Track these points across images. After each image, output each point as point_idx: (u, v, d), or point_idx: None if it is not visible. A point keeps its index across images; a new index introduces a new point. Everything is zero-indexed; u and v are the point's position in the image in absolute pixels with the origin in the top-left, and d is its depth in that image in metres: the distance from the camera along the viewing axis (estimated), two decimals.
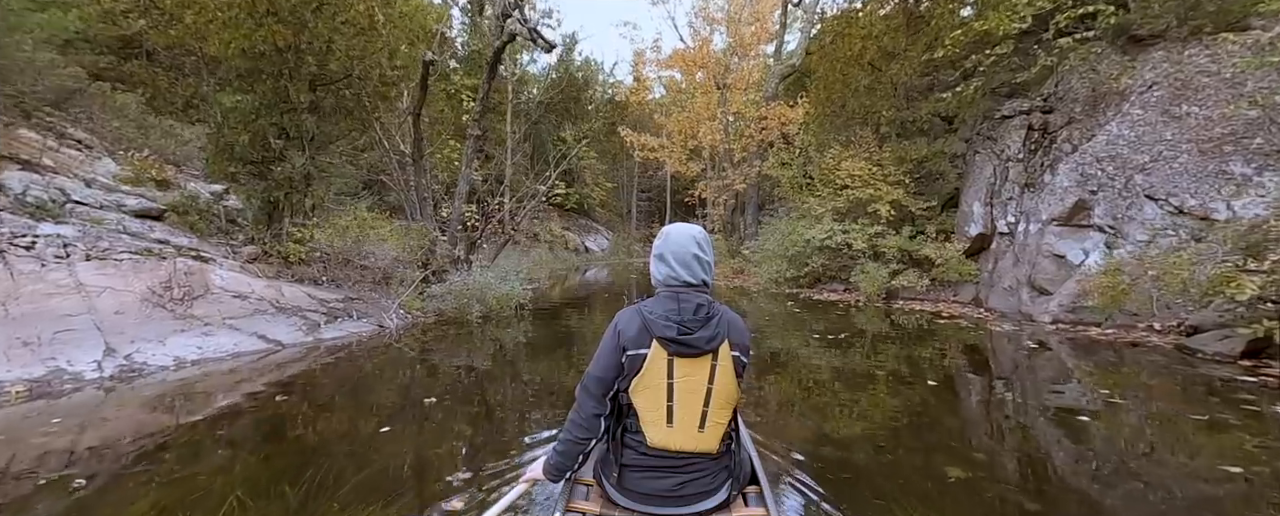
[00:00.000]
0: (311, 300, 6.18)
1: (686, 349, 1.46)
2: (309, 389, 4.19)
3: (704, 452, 1.52)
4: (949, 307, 8.53)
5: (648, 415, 1.51)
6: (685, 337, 1.45)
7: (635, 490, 1.55)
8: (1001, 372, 5.11)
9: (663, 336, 1.45)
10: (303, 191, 6.56)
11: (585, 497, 1.69)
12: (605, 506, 1.61)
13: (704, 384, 1.48)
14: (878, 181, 9.89)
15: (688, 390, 1.48)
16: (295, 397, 3.96)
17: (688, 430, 1.49)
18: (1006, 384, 4.65)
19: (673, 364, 1.47)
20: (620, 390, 1.55)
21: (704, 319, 1.48)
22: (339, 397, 4.00)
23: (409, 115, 7.56)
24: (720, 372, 1.48)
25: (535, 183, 9.11)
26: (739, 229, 17.46)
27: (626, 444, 1.56)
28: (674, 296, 1.52)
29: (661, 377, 1.47)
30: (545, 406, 3.89)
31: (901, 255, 9.75)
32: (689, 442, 1.50)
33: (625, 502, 1.57)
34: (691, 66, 16.77)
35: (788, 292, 11.12)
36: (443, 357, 5.32)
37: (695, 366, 1.47)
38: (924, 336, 6.64)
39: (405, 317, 6.89)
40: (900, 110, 9.67)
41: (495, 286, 7.62)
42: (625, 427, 1.57)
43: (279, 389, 4.13)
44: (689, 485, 1.52)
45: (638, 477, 1.54)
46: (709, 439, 1.51)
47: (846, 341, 6.34)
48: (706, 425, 1.50)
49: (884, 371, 5.02)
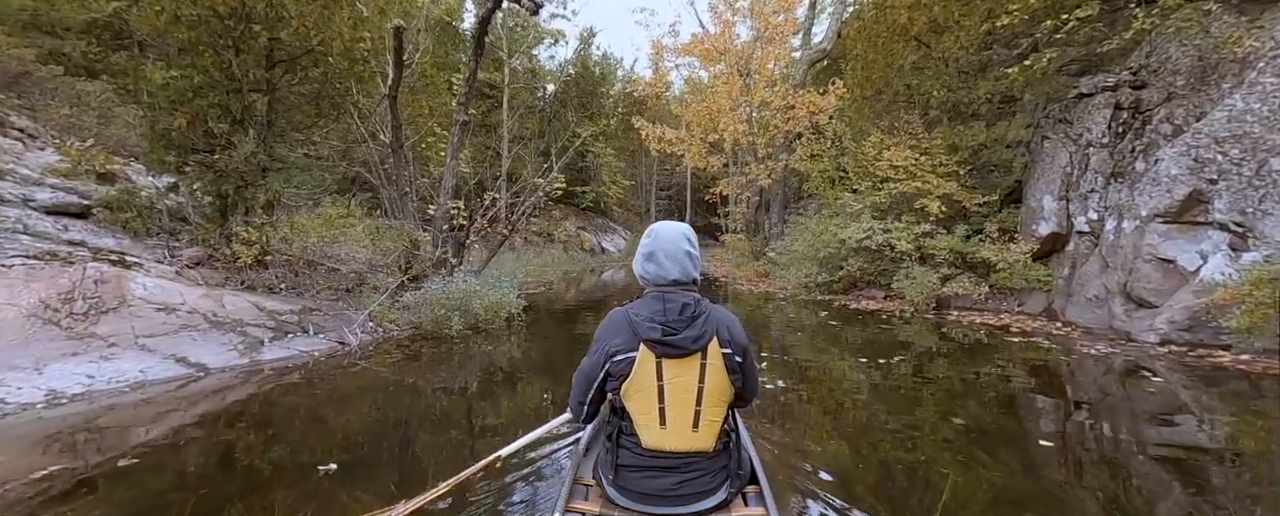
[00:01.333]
0: (259, 312, 5.24)
1: (673, 349, 1.46)
2: (191, 442, 3.18)
3: (700, 452, 1.52)
4: (1015, 320, 7.21)
5: (640, 418, 1.51)
6: (670, 338, 1.45)
7: (634, 490, 1.55)
8: (1098, 406, 3.96)
9: (648, 338, 1.46)
10: (256, 184, 5.63)
11: (585, 497, 1.68)
12: (605, 506, 1.60)
13: (694, 383, 1.47)
14: (926, 173, 8.59)
15: (679, 390, 1.48)
16: (166, 452, 2.96)
17: (682, 430, 1.50)
18: (1111, 423, 3.58)
19: (661, 365, 1.47)
20: (612, 392, 1.55)
21: (690, 318, 1.48)
22: (211, 462, 2.96)
23: (386, 98, 6.61)
24: (710, 371, 1.48)
25: (535, 177, 8.08)
26: (763, 229, 16.20)
27: (622, 445, 1.57)
28: (660, 297, 1.52)
29: (651, 380, 1.47)
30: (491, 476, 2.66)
31: (954, 258, 8.44)
32: (684, 442, 1.51)
33: (624, 502, 1.57)
34: (712, 54, 15.54)
35: (819, 300, 9.89)
36: (397, 387, 4.30)
37: (684, 366, 1.47)
38: (987, 355, 5.48)
39: (375, 332, 5.92)
40: (953, 90, 8.34)
41: (482, 294, 6.61)
42: (621, 429, 1.57)
43: (163, 436, 3.14)
44: (687, 485, 1.52)
45: (636, 478, 1.55)
46: (704, 438, 1.51)
47: (895, 361, 5.18)
48: (700, 424, 1.50)
49: (942, 400, 3.99)
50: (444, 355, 5.43)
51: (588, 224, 25.64)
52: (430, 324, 5.97)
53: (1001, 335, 6.42)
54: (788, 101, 14.12)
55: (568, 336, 6.65)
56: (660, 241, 1.54)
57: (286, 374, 4.55)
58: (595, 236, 24.86)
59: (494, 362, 5.20)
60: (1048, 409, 4.00)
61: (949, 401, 4.05)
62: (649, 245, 1.56)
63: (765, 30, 14.86)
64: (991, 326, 6.96)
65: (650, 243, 1.56)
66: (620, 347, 1.48)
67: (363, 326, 5.86)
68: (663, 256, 1.53)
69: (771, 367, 5.03)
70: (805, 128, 13.20)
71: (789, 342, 6.66)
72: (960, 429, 3.44)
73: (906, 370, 5.00)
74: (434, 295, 6.03)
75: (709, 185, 24.88)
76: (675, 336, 1.44)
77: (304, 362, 4.87)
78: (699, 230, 8.26)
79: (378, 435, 3.32)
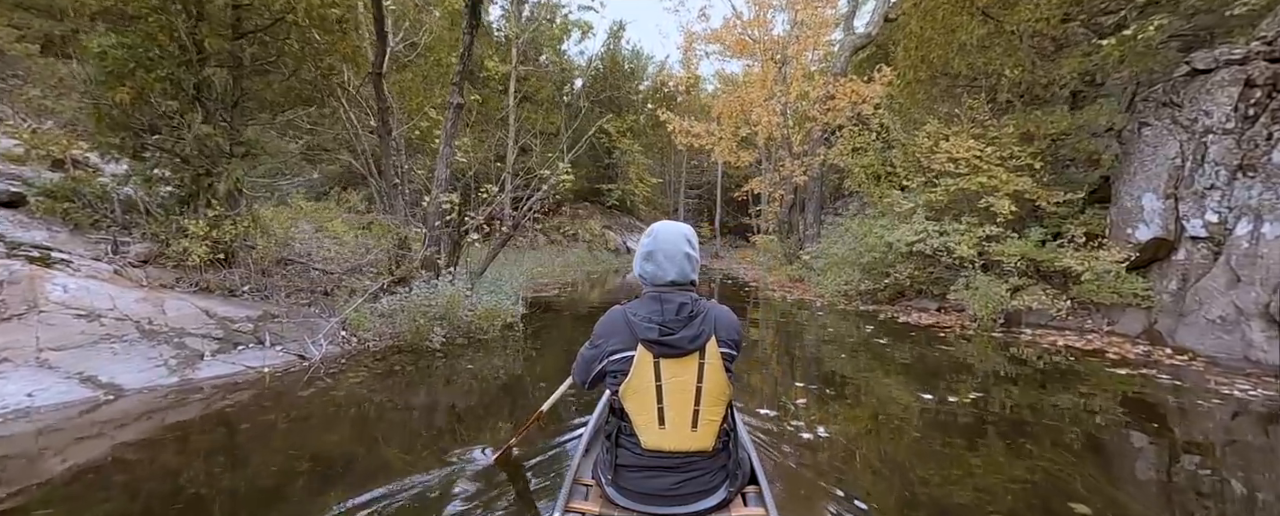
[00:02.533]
0: (206, 319, 4.52)
1: (670, 349, 1.46)
2: (46, 499, 2.38)
3: (699, 451, 1.52)
4: (1107, 342, 5.96)
5: (639, 418, 1.51)
6: (667, 338, 1.46)
7: (633, 490, 1.54)
8: (1235, 465, 2.84)
9: (645, 338, 1.46)
10: (213, 172, 4.92)
11: (584, 498, 1.68)
12: (604, 506, 1.60)
13: (693, 383, 1.47)
14: (992, 166, 7.36)
15: (677, 390, 1.48)
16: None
17: (681, 430, 1.49)
18: (1246, 484, 2.59)
19: (659, 365, 1.47)
20: (611, 392, 1.56)
21: (687, 318, 1.48)
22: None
23: (371, 76, 5.84)
24: (709, 370, 1.48)
25: (541, 169, 7.22)
26: (798, 230, 15.00)
27: (622, 445, 1.56)
28: (658, 297, 1.52)
29: (650, 380, 1.47)
30: None
31: (1027, 266, 7.19)
32: (683, 442, 1.50)
33: (624, 502, 1.56)
34: (744, 43, 14.39)
35: (861, 310, 8.75)
36: (346, 416, 3.47)
37: (682, 366, 1.47)
38: (1071, 384, 4.44)
39: (348, 343, 5.16)
40: (1030, 70, 7.07)
41: (474, 300, 5.79)
42: (620, 430, 1.57)
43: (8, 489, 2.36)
44: (686, 484, 1.51)
45: (635, 478, 1.54)
46: (703, 437, 1.51)
47: (955, 386, 4.14)
48: (699, 424, 1.49)
49: (1010, 437, 3.08)
50: (421, 372, 4.62)
51: (613, 223, 24.80)
52: (408, 335, 5.16)
53: (1092, 361, 5.24)
54: (827, 91, 12.92)
55: (571, 350, 5.76)
56: (660, 241, 1.55)
57: (224, 395, 3.79)
58: (621, 236, 23.99)
59: (474, 384, 4.33)
60: (1157, 461, 3.04)
61: (1017, 439, 3.27)
62: (649, 245, 1.57)
63: (804, 11, 13.65)
64: (1077, 349, 5.76)
65: (650, 242, 1.57)
66: (618, 347, 1.50)
67: (333, 336, 5.10)
68: (662, 257, 1.54)
69: (800, 388, 4.02)
70: (847, 118, 11.97)
71: (824, 357, 5.65)
72: (1032, 479, 2.68)
73: (967, 397, 4.06)
74: (414, 301, 5.21)
75: (740, 184, 23.74)
76: (672, 336, 1.45)
77: (251, 381, 4.11)
78: (729, 230, 6.96)
79: (302, 484, 2.47)
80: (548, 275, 13.27)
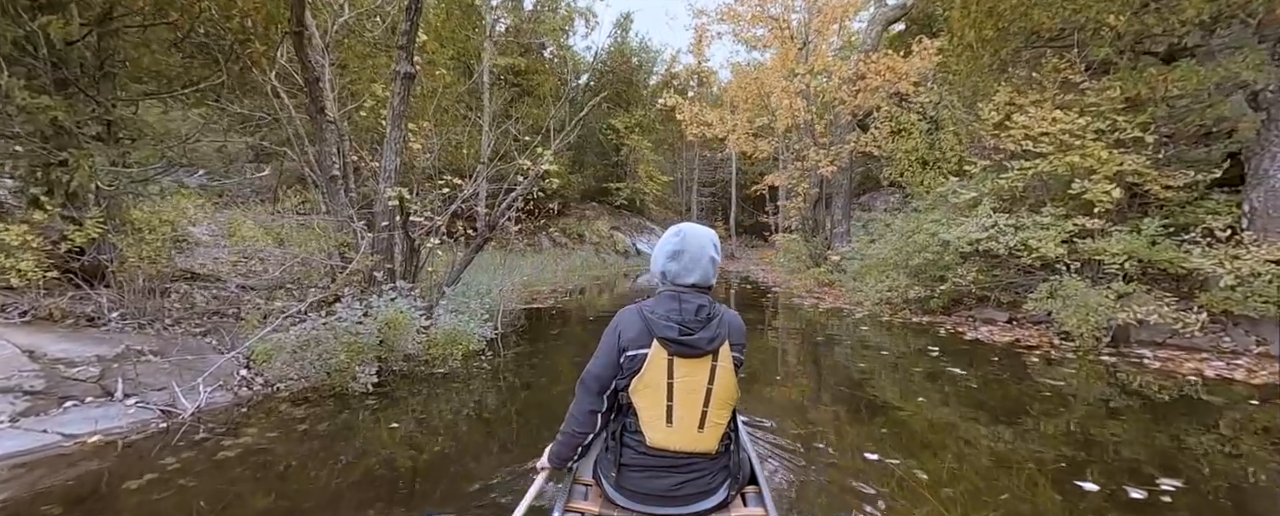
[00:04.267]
0: (28, 363, 3.22)
1: (687, 349, 1.45)
2: None
3: (703, 452, 1.50)
4: (1264, 368, 4.44)
5: (647, 414, 1.49)
6: (686, 338, 1.44)
7: (634, 490, 1.53)
8: None
9: (664, 336, 1.44)
10: (62, 164, 3.63)
11: (584, 497, 1.66)
12: (604, 506, 1.58)
13: (704, 384, 1.46)
14: (1087, 141, 5.82)
15: (688, 390, 1.46)
16: None
17: (687, 430, 1.48)
18: None
19: (673, 364, 1.45)
20: (620, 389, 1.53)
21: (705, 319, 1.47)
22: None
23: (288, 35, 4.54)
24: (720, 372, 1.47)
25: (522, 158, 5.86)
26: (824, 228, 13.47)
27: (626, 443, 1.54)
28: (676, 296, 1.51)
29: (662, 377, 1.46)
30: None
31: (1138, 268, 5.65)
32: (688, 442, 1.49)
33: (624, 502, 1.55)
34: (760, 15, 12.87)
35: (910, 323, 7.27)
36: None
37: (696, 367, 1.46)
38: (1210, 422, 3.07)
39: (251, 386, 3.84)
40: (1139, 13, 5.48)
41: (437, 320, 4.47)
42: (625, 427, 1.55)
43: None
44: (687, 485, 1.50)
45: (637, 477, 1.52)
46: (708, 439, 1.50)
47: (1048, 433, 2.67)
48: (706, 425, 1.48)
49: None
50: (339, 428, 3.30)
51: (622, 223, 23.44)
52: (325, 375, 3.82)
53: (1246, 399, 3.77)
54: (857, 70, 11.39)
55: (555, 387, 4.35)
56: (689, 242, 1.53)
57: (10, 483, 2.49)
58: (630, 237, 22.61)
59: (399, 453, 2.96)
60: None
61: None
62: (676, 243, 1.54)
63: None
64: (1228, 380, 4.28)
65: (678, 242, 1.55)
66: (633, 343, 1.48)
67: (227, 379, 3.78)
68: (688, 258, 1.52)
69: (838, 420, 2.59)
70: (883, 98, 10.44)
71: (865, 379, 4.25)
72: None
73: (1069, 450, 2.70)
74: (337, 328, 3.87)
75: (756, 180, 22.20)
76: (691, 337, 1.44)
77: (67, 456, 2.81)
78: (746, 230, 4.91)
79: None
80: (547, 282, 11.97)
